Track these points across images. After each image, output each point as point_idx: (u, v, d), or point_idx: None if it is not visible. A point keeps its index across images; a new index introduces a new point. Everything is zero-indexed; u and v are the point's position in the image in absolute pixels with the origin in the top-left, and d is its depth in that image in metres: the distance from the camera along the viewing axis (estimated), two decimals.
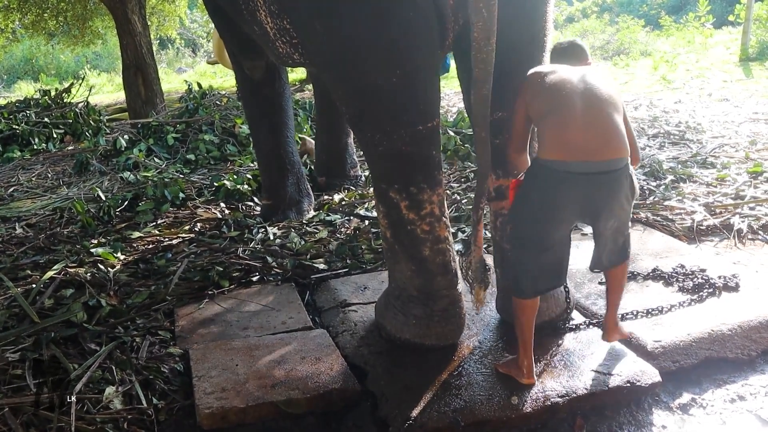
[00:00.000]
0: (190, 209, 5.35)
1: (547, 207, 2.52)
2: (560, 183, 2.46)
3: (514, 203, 2.64)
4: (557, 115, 2.48)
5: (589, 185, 2.47)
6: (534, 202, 2.54)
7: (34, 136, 8.47)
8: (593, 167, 2.44)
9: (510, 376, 2.67)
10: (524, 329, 2.66)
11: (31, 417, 2.56)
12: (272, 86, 4.81)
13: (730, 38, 14.06)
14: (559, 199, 2.50)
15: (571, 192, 2.48)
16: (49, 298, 3.61)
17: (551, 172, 2.46)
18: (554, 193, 2.49)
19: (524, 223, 2.60)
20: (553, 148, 2.46)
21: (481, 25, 2.38)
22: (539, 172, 2.52)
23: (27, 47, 21.65)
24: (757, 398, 2.67)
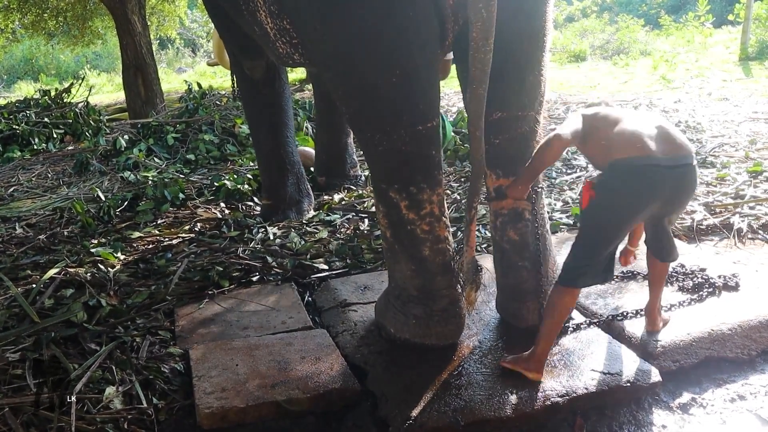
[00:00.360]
0: (190, 209, 5.36)
1: (636, 202, 2.54)
2: (651, 177, 2.50)
3: (593, 202, 2.59)
4: (627, 124, 2.58)
5: (675, 178, 2.52)
6: (621, 199, 2.55)
7: (34, 136, 8.47)
8: (678, 160, 2.52)
9: (514, 372, 2.67)
10: (556, 322, 2.66)
11: (32, 417, 2.56)
12: (272, 86, 4.81)
13: (729, 37, 14.08)
14: (649, 194, 2.53)
15: (662, 186, 2.51)
16: (49, 298, 3.61)
17: (640, 168, 2.49)
18: (646, 187, 2.51)
19: (604, 220, 2.60)
20: (635, 146, 2.51)
21: (480, 25, 2.38)
22: (626, 170, 2.52)
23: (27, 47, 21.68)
24: (757, 398, 2.67)
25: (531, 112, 2.89)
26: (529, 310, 3.01)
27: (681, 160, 2.52)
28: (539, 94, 2.91)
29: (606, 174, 2.60)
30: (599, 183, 2.58)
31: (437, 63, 2.92)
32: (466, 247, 2.78)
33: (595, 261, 2.63)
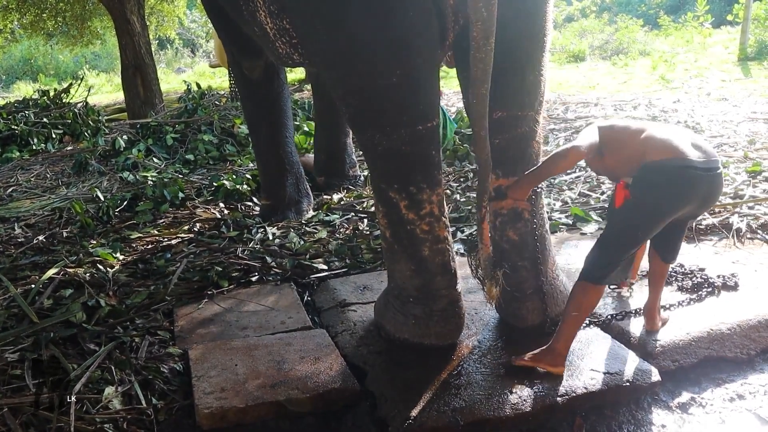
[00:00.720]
0: (189, 209, 5.35)
1: (675, 202, 2.57)
2: (690, 179, 2.53)
3: (628, 202, 2.63)
4: (655, 132, 2.63)
5: (710, 182, 2.57)
6: (659, 199, 2.56)
7: (33, 137, 8.48)
8: (710, 164, 2.55)
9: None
10: (580, 318, 2.69)
11: (31, 417, 2.56)
12: (270, 86, 4.81)
13: (728, 38, 14.09)
14: (687, 195, 2.57)
15: (699, 187, 2.56)
16: (48, 298, 3.61)
17: (679, 169, 2.53)
18: (679, 188, 2.55)
19: (639, 219, 2.61)
20: (670, 149, 2.55)
21: (480, 25, 2.38)
22: (664, 171, 2.54)
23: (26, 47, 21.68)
24: (756, 397, 2.67)
25: (531, 112, 2.89)
26: (529, 310, 3.01)
27: (713, 164, 2.57)
28: (539, 93, 2.91)
29: (641, 175, 2.60)
30: (636, 183, 2.60)
31: (438, 63, 2.92)
32: (481, 245, 2.79)
33: (622, 259, 2.68)
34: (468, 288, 3.29)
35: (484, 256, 2.80)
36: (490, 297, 2.88)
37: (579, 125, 7.77)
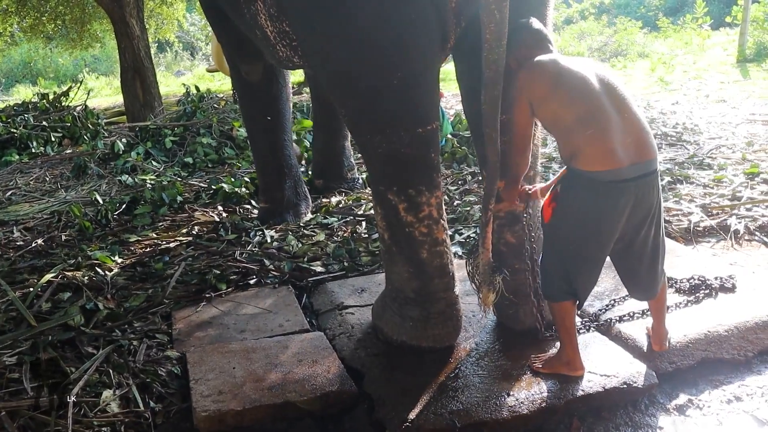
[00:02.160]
0: (187, 212, 5.35)
1: (607, 220, 2.43)
2: (617, 192, 2.38)
3: (557, 218, 2.52)
4: (594, 123, 2.37)
5: (639, 189, 2.40)
6: (588, 217, 2.44)
7: (32, 140, 8.47)
8: (642, 169, 2.38)
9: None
10: (569, 328, 2.66)
11: (28, 420, 2.56)
12: (269, 89, 4.81)
13: (727, 39, 14.11)
14: (618, 209, 2.41)
15: (627, 198, 2.39)
16: (47, 301, 3.61)
17: (605, 184, 2.37)
18: (612, 203, 2.40)
19: (573, 240, 2.52)
20: (601, 158, 2.36)
21: (494, 27, 2.38)
22: (589, 185, 2.40)
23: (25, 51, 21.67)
24: (753, 399, 2.67)
25: None
26: (526, 313, 3.01)
27: (648, 167, 2.40)
28: None
29: (568, 186, 2.48)
30: (563, 196, 2.49)
31: (438, 65, 2.93)
32: (482, 249, 2.78)
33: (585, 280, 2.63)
34: (465, 291, 3.29)
35: (483, 261, 2.80)
36: (485, 303, 2.86)
37: None
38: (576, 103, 2.42)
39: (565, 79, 2.45)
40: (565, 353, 2.68)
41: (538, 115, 2.54)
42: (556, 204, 2.51)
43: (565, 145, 2.47)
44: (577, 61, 2.55)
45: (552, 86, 2.47)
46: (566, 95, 2.45)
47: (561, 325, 2.67)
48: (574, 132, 2.42)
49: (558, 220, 2.53)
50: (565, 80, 2.45)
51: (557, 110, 2.47)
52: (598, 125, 2.37)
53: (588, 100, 2.41)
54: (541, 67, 2.51)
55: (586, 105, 2.40)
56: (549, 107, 2.49)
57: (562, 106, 2.45)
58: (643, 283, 2.71)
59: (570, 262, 2.58)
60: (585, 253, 2.55)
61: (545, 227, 2.63)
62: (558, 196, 2.52)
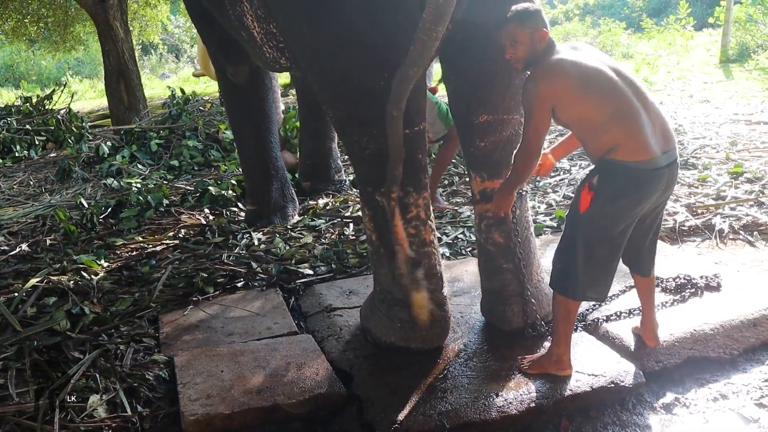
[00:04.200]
0: (174, 215, 5.33)
1: (636, 207, 2.51)
2: (651, 180, 2.47)
3: (596, 206, 2.51)
4: (627, 119, 2.45)
5: (669, 176, 2.52)
6: (627, 203, 2.50)
7: (15, 144, 8.39)
8: (671, 156, 2.51)
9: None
10: (569, 326, 2.68)
11: (14, 426, 2.54)
12: (255, 91, 4.80)
13: (710, 40, 14.23)
14: (648, 197, 2.51)
15: (658, 186, 2.50)
16: (32, 306, 3.57)
17: (645, 173, 2.45)
18: (645, 191, 2.49)
19: (607, 228, 2.53)
20: (639, 150, 2.44)
21: (434, 9, 2.32)
22: (630, 175, 2.46)
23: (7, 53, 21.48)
24: (739, 397, 2.69)
25: (516, 116, 2.91)
26: (514, 313, 3.02)
27: (673, 155, 2.52)
28: None
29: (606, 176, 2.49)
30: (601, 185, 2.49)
31: (426, 67, 2.93)
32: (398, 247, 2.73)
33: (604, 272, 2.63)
34: (454, 291, 3.30)
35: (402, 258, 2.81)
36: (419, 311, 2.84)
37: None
38: (607, 103, 2.47)
39: (593, 82, 2.48)
40: (555, 351, 2.68)
41: (561, 117, 2.55)
42: (595, 193, 2.50)
43: (598, 142, 2.51)
44: (591, 56, 2.56)
45: (581, 91, 2.48)
46: (597, 97, 2.48)
47: (563, 321, 2.66)
48: (608, 129, 2.47)
49: (596, 209, 2.51)
50: (593, 83, 2.48)
51: (587, 112, 2.50)
52: (631, 120, 2.45)
53: (617, 98, 2.47)
54: (565, 72, 2.49)
55: (616, 103, 2.46)
56: (577, 110, 2.51)
57: (594, 108, 2.48)
58: (644, 258, 2.79)
59: (599, 252, 2.57)
60: (617, 241, 2.57)
61: (578, 217, 2.57)
62: (596, 186, 2.51)
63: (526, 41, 2.54)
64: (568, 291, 2.61)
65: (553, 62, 2.51)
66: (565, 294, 2.62)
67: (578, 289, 2.60)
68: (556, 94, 2.48)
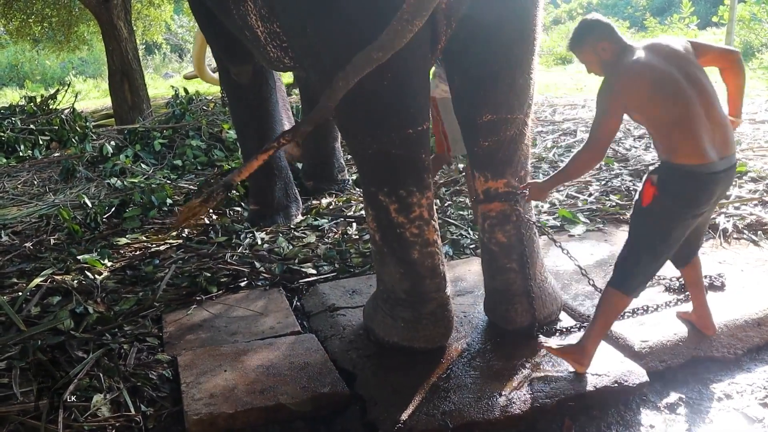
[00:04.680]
0: (177, 215, 5.33)
1: (694, 209, 2.58)
2: (709, 183, 2.53)
3: (657, 200, 2.57)
4: (687, 126, 2.51)
5: (726, 180, 2.59)
6: (680, 206, 2.57)
7: (19, 143, 8.41)
8: (729, 161, 2.56)
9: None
10: (609, 322, 2.74)
11: (18, 426, 2.55)
12: (259, 91, 4.80)
13: (714, 39, 14.17)
14: (706, 199, 2.58)
15: (716, 189, 2.57)
16: (36, 305, 3.59)
17: (702, 176, 2.51)
18: (704, 194, 2.56)
19: (666, 225, 2.60)
20: (695, 155, 2.50)
21: (414, 2, 2.31)
22: (688, 176, 2.52)
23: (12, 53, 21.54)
24: (743, 397, 2.69)
25: (520, 115, 2.91)
26: (518, 312, 3.02)
27: (731, 160, 2.57)
28: (528, 96, 2.92)
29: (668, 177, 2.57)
30: (663, 184, 2.56)
31: (427, 66, 2.93)
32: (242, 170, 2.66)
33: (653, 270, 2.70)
34: (457, 291, 3.30)
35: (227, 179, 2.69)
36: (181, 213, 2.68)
37: (566, 127, 7.81)
38: (672, 107, 2.53)
39: (662, 86, 2.54)
40: (584, 346, 2.70)
41: (633, 116, 2.63)
42: (657, 188, 2.57)
43: (662, 142, 2.59)
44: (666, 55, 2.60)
45: (651, 93, 2.55)
46: (663, 101, 2.54)
47: (608, 316, 2.71)
48: (670, 133, 2.54)
49: (657, 204, 2.58)
50: (662, 87, 2.54)
51: (654, 114, 2.57)
52: (689, 126, 2.51)
53: (682, 104, 2.52)
54: (637, 74, 2.57)
55: (680, 110, 2.52)
56: (646, 111, 2.59)
57: (660, 111, 2.55)
58: (693, 252, 2.90)
59: (655, 249, 2.64)
60: (673, 241, 2.63)
61: (640, 210, 2.64)
62: (658, 181, 2.57)
63: (592, 58, 2.71)
64: (623, 285, 2.67)
65: (627, 65, 2.60)
66: (620, 288, 2.67)
67: (632, 284, 2.66)
68: (628, 96, 2.57)
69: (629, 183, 5.32)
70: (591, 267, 3.70)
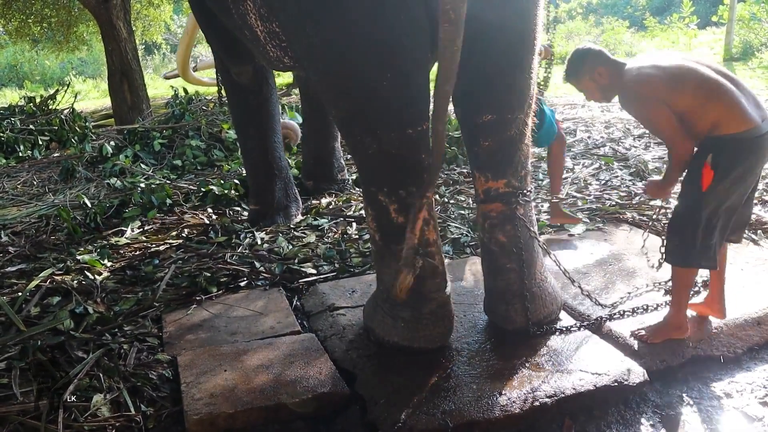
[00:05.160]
0: (177, 215, 5.34)
1: (750, 175, 2.68)
2: (759, 147, 2.62)
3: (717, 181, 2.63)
4: (720, 95, 2.62)
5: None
6: (744, 172, 2.64)
7: (19, 144, 8.42)
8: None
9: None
10: (687, 294, 2.90)
11: (18, 426, 2.54)
12: (259, 91, 4.80)
13: (713, 38, 14.23)
14: (758, 164, 2.67)
15: (766, 152, 2.66)
16: (36, 306, 3.58)
17: (747, 142, 2.60)
18: (756, 158, 2.65)
19: (727, 199, 2.69)
20: (742, 121, 2.59)
21: (448, 27, 2.34)
22: (740, 146, 2.61)
23: (11, 54, 21.56)
24: (743, 395, 2.69)
25: (520, 115, 2.90)
26: (517, 312, 3.01)
27: None
28: (528, 96, 2.92)
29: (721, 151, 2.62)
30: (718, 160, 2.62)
31: (428, 66, 2.92)
32: (409, 234, 2.71)
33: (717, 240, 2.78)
34: (456, 290, 3.30)
35: (408, 245, 2.69)
36: (401, 286, 2.66)
37: (566, 127, 7.81)
38: (700, 87, 2.65)
39: (678, 74, 2.68)
40: (676, 318, 2.87)
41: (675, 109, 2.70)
42: (715, 170, 2.62)
43: (700, 124, 2.66)
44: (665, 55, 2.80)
45: (671, 84, 2.67)
46: (688, 86, 2.66)
47: (683, 290, 2.86)
48: (707, 110, 2.64)
49: (717, 183, 2.64)
50: (680, 74, 2.68)
51: (684, 101, 2.67)
52: (726, 96, 2.63)
53: (707, 81, 2.65)
54: (650, 75, 2.71)
55: (708, 85, 2.65)
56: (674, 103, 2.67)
57: (690, 96, 2.66)
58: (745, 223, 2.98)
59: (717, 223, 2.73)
60: (732, 210, 2.74)
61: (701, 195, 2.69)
62: (713, 161, 2.63)
63: (590, 85, 2.90)
64: (688, 261, 2.80)
65: (635, 73, 2.75)
66: (687, 265, 2.81)
67: (696, 258, 2.77)
68: (656, 92, 2.68)
69: (629, 182, 5.32)
70: (591, 266, 3.70)
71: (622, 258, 3.81)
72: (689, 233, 2.74)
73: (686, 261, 2.80)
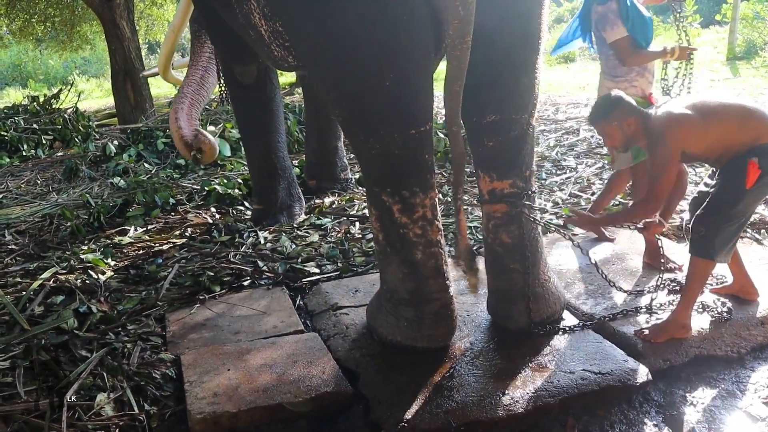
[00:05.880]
0: (180, 214, 5.34)
1: None
2: None
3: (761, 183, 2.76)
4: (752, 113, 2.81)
5: None
6: None
7: (23, 143, 8.44)
8: None
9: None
10: (700, 289, 2.95)
11: (22, 425, 2.55)
12: (263, 90, 4.80)
13: (717, 37, 14.19)
14: None
15: None
16: (39, 305, 3.59)
17: None
18: None
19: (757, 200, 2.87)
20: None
21: (457, 23, 2.37)
22: None
23: (15, 53, 21.60)
24: (747, 395, 2.69)
25: (524, 115, 2.90)
26: (521, 312, 3.01)
27: None
28: (532, 96, 2.91)
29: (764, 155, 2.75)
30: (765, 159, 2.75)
31: (432, 66, 2.92)
32: (459, 237, 2.80)
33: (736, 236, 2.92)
34: (460, 290, 3.30)
35: (463, 248, 2.83)
36: (471, 286, 2.99)
37: (569, 126, 7.81)
38: (729, 113, 2.85)
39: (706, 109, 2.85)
40: (682, 315, 2.89)
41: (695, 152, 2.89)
42: (763, 170, 2.74)
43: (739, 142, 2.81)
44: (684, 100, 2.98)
45: (703, 120, 2.82)
46: (717, 116, 2.84)
47: (698, 283, 2.91)
48: (744, 128, 2.80)
49: (761, 181, 2.77)
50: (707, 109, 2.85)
51: (719, 129, 2.84)
52: (757, 112, 2.82)
53: (733, 106, 2.88)
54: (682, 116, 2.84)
55: (735, 110, 2.86)
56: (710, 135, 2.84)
57: (722, 125, 2.83)
58: None
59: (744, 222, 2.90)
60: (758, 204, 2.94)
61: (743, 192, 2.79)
62: (761, 162, 2.75)
63: (617, 133, 2.99)
64: (711, 254, 2.85)
65: (664, 119, 2.88)
66: (709, 257, 2.86)
67: (717, 253, 2.85)
68: (686, 139, 2.83)
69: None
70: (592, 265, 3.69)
71: (625, 258, 3.80)
72: (715, 226, 2.82)
73: (707, 253, 2.85)
